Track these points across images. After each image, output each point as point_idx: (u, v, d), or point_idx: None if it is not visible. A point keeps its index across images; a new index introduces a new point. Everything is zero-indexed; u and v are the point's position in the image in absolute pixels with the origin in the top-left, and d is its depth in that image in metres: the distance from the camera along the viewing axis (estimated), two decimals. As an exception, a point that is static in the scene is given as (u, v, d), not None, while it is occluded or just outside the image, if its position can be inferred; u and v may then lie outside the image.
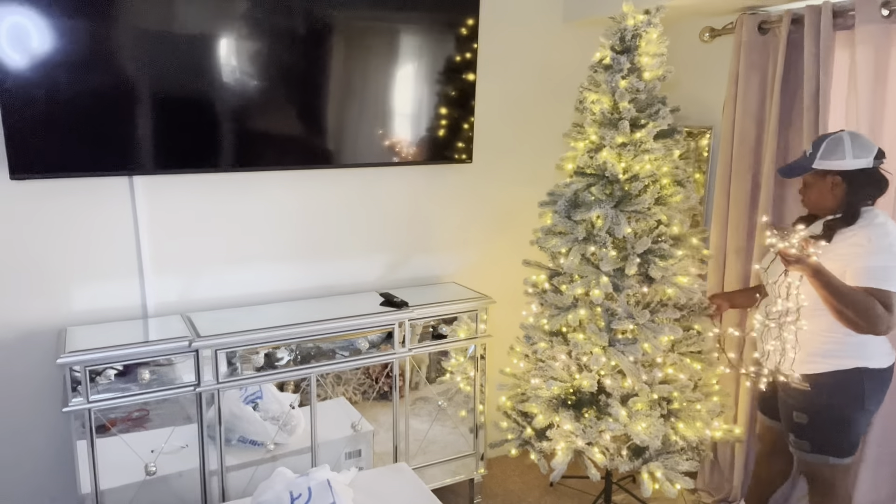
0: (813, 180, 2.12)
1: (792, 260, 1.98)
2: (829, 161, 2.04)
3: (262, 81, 2.37)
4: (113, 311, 2.40)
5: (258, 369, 2.36)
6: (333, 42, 2.47)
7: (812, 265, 1.96)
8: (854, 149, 2.02)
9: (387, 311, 2.54)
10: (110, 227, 2.35)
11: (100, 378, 2.11)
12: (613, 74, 2.32)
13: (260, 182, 2.57)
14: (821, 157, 2.05)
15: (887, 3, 2.18)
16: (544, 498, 3.01)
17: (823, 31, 2.33)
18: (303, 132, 2.51)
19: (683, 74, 2.98)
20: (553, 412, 2.50)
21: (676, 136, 2.38)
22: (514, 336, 2.73)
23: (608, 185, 2.38)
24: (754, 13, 2.60)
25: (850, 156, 2.01)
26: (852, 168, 2.02)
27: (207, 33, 2.26)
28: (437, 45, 2.66)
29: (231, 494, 2.35)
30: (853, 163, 2.01)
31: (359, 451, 2.61)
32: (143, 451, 2.22)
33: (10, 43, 1.99)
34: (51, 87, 2.06)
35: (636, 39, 2.31)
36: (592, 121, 2.40)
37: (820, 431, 2.12)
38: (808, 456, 2.16)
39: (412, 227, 2.93)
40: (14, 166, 2.08)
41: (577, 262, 2.41)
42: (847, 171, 2.03)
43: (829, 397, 2.09)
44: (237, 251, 2.58)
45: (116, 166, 2.23)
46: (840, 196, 2.06)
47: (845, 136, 2.04)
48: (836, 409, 2.09)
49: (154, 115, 2.24)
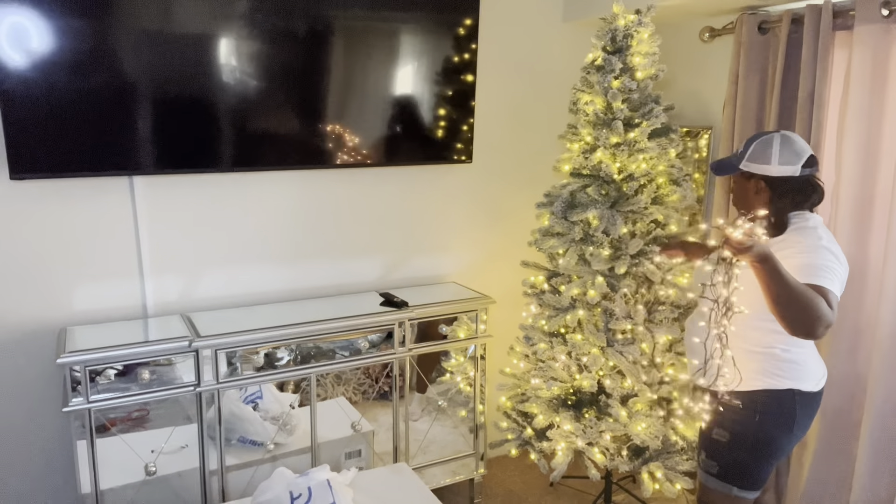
0: (739, 181, 2.00)
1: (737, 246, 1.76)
2: (755, 164, 1.92)
3: (262, 82, 2.37)
4: (113, 311, 2.40)
5: (258, 369, 2.36)
6: (333, 42, 2.47)
7: (760, 250, 1.74)
8: (782, 154, 1.88)
9: (387, 311, 2.55)
10: (110, 228, 2.35)
11: (100, 378, 2.11)
12: (606, 75, 2.32)
13: (260, 182, 2.57)
14: (748, 159, 1.94)
15: (887, 2, 2.18)
16: (544, 498, 3.01)
17: (823, 31, 2.33)
18: (302, 132, 2.51)
19: (683, 74, 2.98)
20: (553, 412, 2.51)
21: (671, 135, 2.38)
22: (514, 336, 2.73)
23: (604, 185, 2.38)
24: (754, 13, 2.60)
25: (776, 161, 1.88)
26: (777, 175, 1.89)
27: (207, 33, 2.26)
28: (437, 45, 2.66)
29: (231, 494, 2.35)
30: (778, 169, 1.89)
31: (359, 451, 2.61)
32: (143, 451, 2.22)
33: (10, 43, 1.99)
34: (51, 88, 2.06)
35: (627, 39, 2.31)
36: (586, 122, 2.40)
37: (736, 453, 1.97)
38: (712, 481, 2.01)
39: (412, 227, 2.93)
40: (14, 166, 2.08)
41: (574, 263, 2.41)
42: (771, 177, 1.91)
43: (760, 417, 1.93)
44: (237, 251, 2.58)
45: (116, 166, 2.23)
46: (764, 202, 1.93)
47: (776, 139, 1.91)
48: (763, 430, 1.94)
49: (154, 116, 2.24)
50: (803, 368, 1.94)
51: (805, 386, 1.94)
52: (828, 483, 2.53)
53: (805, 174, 1.90)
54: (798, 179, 1.90)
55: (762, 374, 1.94)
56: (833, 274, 1.77)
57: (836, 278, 1.77)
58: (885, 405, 2.30)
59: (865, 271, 2.37)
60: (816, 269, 1.77)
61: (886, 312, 2.26)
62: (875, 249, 2.34)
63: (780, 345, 1.91)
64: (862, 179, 2.33)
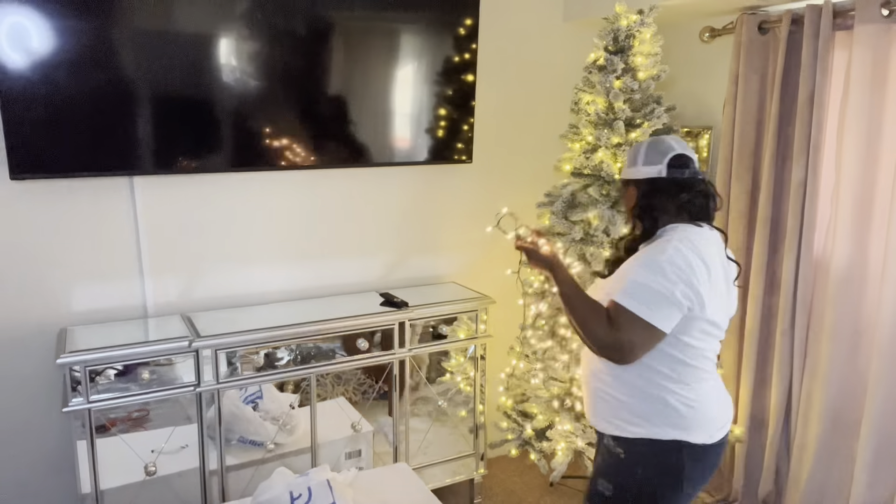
0: (622, 191, 1.89)
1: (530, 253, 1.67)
2: (627, 169, 1.78)
3: (262, 81, 2.37)
4: (113, 311, 2.40)
5: (258, 369, 2.36)
6: (333, 42, 2.47)
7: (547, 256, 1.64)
8: (647, 155, 1.72)
9: (387, 311, 2.55)
10: (110, 227, 2.35)
11: (100, 378, 2.11)
12: (607, 75, 2.32)
13: (260, 182, 2.57)
14: (626, 166, 1.79)
15: (887, 2, 2.18)
16: (544, 498, 3.01)
17: (823, 31, 2.33)
18: (302, 132, 2.51)
19: (683, 74, 2.98)
20: (553, 412, 2.51)
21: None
22: (514, 336, 2.73)
23: (605, 185, 2.38)
24: (754, 13, 2.60)
25: (641, 162, 1.73)
26: (643, 177, 1.72)
27: (207, 33, 2.26)
28: (437, 45, 2.66)
29: (231, 494, 2.35)
30: (643, 171, 1.72)
31: (359, 451, 2.61)
32: (143, 451, 2.22)
33: (10, 43, 1.99)
34: (51, 88, 2.06)
35: (630, 39, 2.31)
36: (587, 122, 2.40)
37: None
38: None
39: (412, 227, 2.93)
40: (14, 166, 2.08)
41: (574, 263, 2.41)
42: (638, 180, 1.74)
43: (642, 470, 1.67)
44: (237, 251, 2.58)
45: (116, 166, 2.23)
46: (635, 207, 1.75)
47: (646, 142, 1.77)
48: (646, 486, 1.67)
49: (154, 116, 2.24)
50: (695, 416, 1.65)
51: (696, 437, 1.65)
52: (828, 483, 2.53)
53: (674, 175, 1.69)
54: (664, 180, 1.70)
55: (644, 419, 1.66)
56: (642, 292, 1.56)
57: (645, 296, 1.56)
58: (885, 405, 2.30)
59: (865, 271, 2.37)
60: (625, 282, 1.60)
61: (886, 313, 2.26)
62: (875, 249, 2.34)
63: (668, 385, 1.64)
64: (862, 179, 2.33)
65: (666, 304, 1.56)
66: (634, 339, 1.57)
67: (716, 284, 1.64)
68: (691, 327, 1.61)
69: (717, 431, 1.69)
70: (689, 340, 1.63)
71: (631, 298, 1.57)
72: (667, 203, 1.69)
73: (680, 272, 1.56)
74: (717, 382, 1.73)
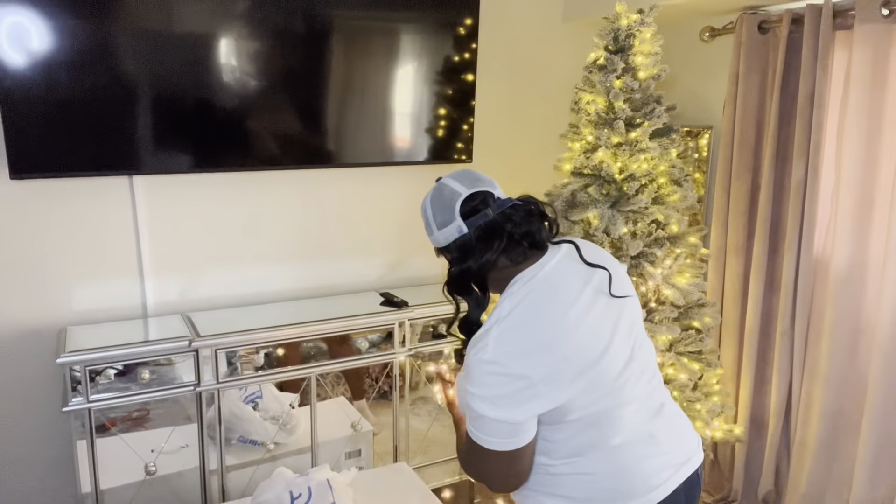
0: None
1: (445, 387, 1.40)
2: (430, 238, 1.40)
3: (262, 81, 2.37)
4: (113, 311, 2.40)
5: (258, 369, 2.36)
6: (333, 42, 2.47)
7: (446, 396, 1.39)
8: (436, 215, 1.36)
9: (387, 311, 2.54)
10: (110, 227, 2.35)
11: (100, 378, 2.11)
12: (608, 74, 2.32)
13: (260, 182, 2.57)
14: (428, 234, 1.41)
15: (887, 2, 2.17)
16: (544, 498, 3.00)
17: (823, 31, 2.33)
18: (303, 132, 2.51)
19: (683, 74, 2.98)
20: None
21: (673, 135, 2.38)
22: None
23: (605, 185, 2.38)
24: (754, 13, 2.60)
25: (436, 227, 1.36)
26: (448, 243, 1.36)
27: (207, 33, 2.26)
28: (437, 45, 2.66)
29: (231, 494, 2.35)
30: (445, 235, 1.36)
31: (359, 451, 2.61)
32: (143, 450, 2.22)
33: (10, 43, 1.99)
34: (51, 87, 2.06)
35: (630, 39, 2.31)
36: (588, 121, 2.40)
37: None
38: None
39: (412, 226, 2.91)
40: (14, 166, 2.08)
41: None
42: (448, 248, 1.38)
43: None
44: (237, 251, 2.58)
45: (116, 166, 2.23)
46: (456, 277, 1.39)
47: (427, 199, 1.39)
48: None
49: (154, 116, 2.24)
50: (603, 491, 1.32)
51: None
52: (828, 483, 2.53)
53: (477, 223, 1.33)
54: (468, 237, 1.34)
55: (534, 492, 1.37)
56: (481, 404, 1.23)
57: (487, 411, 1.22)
58: (885, 404, 2.30)
59: (865, 271, 2.37)
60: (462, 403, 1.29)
61: (886, 312, 2.26)
62: (875, 249, 2.34)
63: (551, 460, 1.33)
64: (862, 179, 2.32)
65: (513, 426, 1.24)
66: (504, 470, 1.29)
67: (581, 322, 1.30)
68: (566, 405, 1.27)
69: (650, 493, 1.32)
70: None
71: (477, 423, 1.26)
72: (487, 256, 1.34)
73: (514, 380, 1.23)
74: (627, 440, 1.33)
